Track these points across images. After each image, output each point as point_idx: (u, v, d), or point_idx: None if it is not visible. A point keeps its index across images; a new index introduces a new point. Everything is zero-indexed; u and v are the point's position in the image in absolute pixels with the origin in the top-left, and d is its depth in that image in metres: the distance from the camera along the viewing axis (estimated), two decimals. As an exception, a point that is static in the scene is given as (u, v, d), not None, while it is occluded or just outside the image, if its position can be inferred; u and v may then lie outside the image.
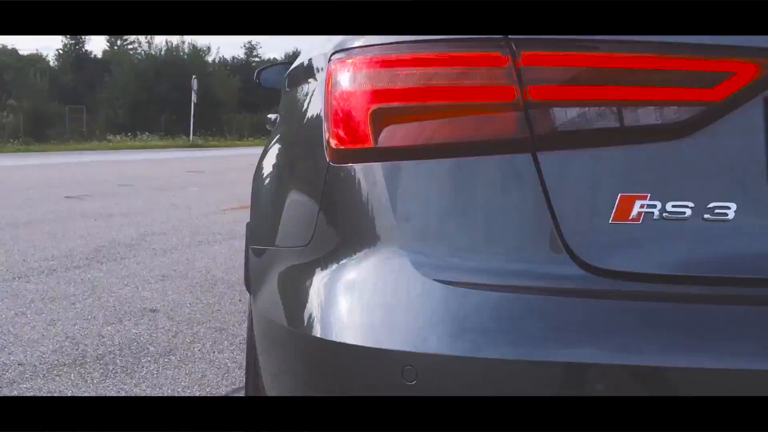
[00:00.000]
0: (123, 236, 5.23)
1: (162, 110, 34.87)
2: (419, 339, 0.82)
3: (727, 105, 0.81)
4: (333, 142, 0.96)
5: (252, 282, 1.30)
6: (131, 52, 39.02)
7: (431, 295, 0.84)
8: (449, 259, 0.86)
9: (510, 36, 0.85)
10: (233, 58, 47.35)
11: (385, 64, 0.91)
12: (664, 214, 0.82)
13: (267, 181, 1.36)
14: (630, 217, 0.82)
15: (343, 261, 0.93)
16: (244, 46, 49.77)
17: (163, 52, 37.71)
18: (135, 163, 14.73)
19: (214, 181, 9.97)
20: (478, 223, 0.86)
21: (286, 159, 1.26)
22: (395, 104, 0.90)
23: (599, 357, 0.78)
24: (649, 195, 0.82)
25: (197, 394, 2.32)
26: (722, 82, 0.81)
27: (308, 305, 0.94)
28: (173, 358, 2.65)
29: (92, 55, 46.05)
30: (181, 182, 9.91)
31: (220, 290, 3.65)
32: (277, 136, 1.46)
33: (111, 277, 3.93)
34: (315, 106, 1.08)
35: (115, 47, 44.11)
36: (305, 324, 0.93)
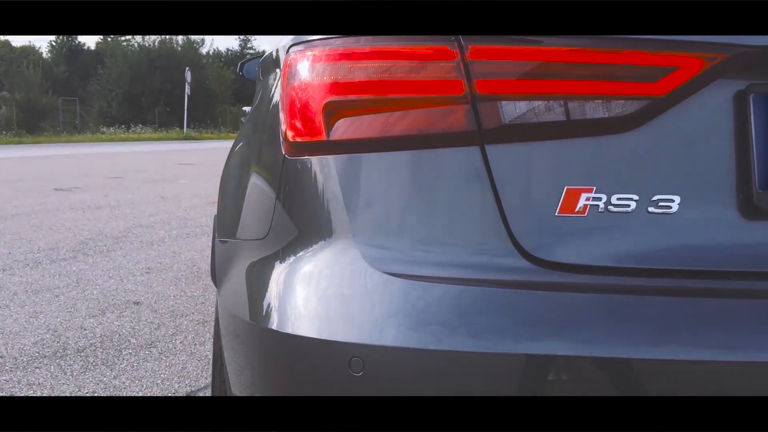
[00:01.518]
0: (110, 228, 5.22)
1: (156, 102, 34.75)
2: (366, 330, 0.82)
3: (671, 99, 0.82)
4: (288, 135, 0.96)
5: (217, 275, 1.31)
6: (124, 44, 38.79)
7: (378, 287, 0.84)
8: (399, 251, 0.87)
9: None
10: (227, 50, 47.18)
11: (338, 57, 0.91)
12: (609, 207, 0.83)
13: (232, 173, 1.37)
14: (576, 210, 0.83)
15: (299, 254, 0.93)
16: (239, 38, 49.58)
17: (156, 44, 37.52)
18: (127, 156, 14.69)
19: (205, 174, 9.95)
20: (428, 216, 0.87)
21: (249, 151, 1.26)
22: (348, 97, 0.90)
23: (541, 349, 0.78)
24: (594, 188, 0.83)
25: (176, 386, 2.33)
26: (666, 76, 0.81)
27: (265, 298, 0.95)
28: (154, 350, 2.66)
29: (85, 47, 45.85)
30: (172, 174, 9.90)
31: (205, 282, 3.65)
32: (245, 128, 1.46)
33: (96, 269, 3.93)
34: (275, 99, 1.09)
35: (109, 39, 43.86)
36: (262, 317, 0.93)
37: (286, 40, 1.05)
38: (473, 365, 0.78)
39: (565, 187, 0.83)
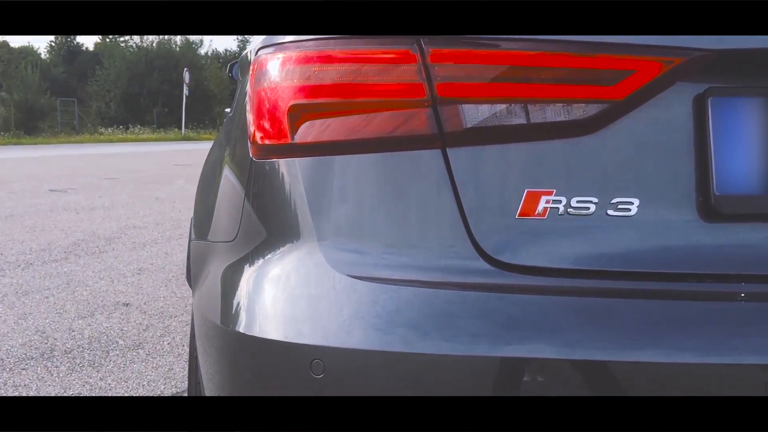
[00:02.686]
0: (103, 229, 5.23)
1: (154, 103, 34.77)
2: (326, 333, 0.83)
3: (630, 102, 0.83)
4: (256, 137, 0.97)
5: (191, 276, 1.31)
6: (123, 45, 38.79)
7: (339, 289, 0.85)
8: (363, 254, 0.87)
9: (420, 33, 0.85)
10: (226, 50, 47.18)
11: (303, 60, 0.92)
12: (569, 210, 0.83)
13: (207, 174, 1.37)
14: (536, 213, 0.84)
15: (266, 256, 0.94)
16: (237, 38, 49.59)
17: (154, 45, 37.53)
18: (124, 156, 14.69)
19: (202, 175, 9.94)
20: (391, 219, 0.87)
21: (223, 153, 1.27)
22: (313, 100, 0.91)
23: (497, 351, 0.79)
24: (554, 191, 0.84)
25: (162, 388, 2.33)
26: (623, 79, 0.82)
27: (232, 300, 0.95)
28: (141, 351, 2.66)
29: (84, 48, 45.86)
30: (168, 175, 9.90)
31: (196, 284, 3.65)
32: (223, 130, 1.46)
33: (87, 270, 3.93)
34: (245, 101, 1.09)
35: (108, 39, 43.86)
36: (229, 319, 0.94)
37: (258, 41, 1.05)
38: (430, 367, 0.79)
39: (526, 190, 0.84)
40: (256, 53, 1.01)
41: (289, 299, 0.88)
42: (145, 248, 4.57)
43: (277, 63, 0.95)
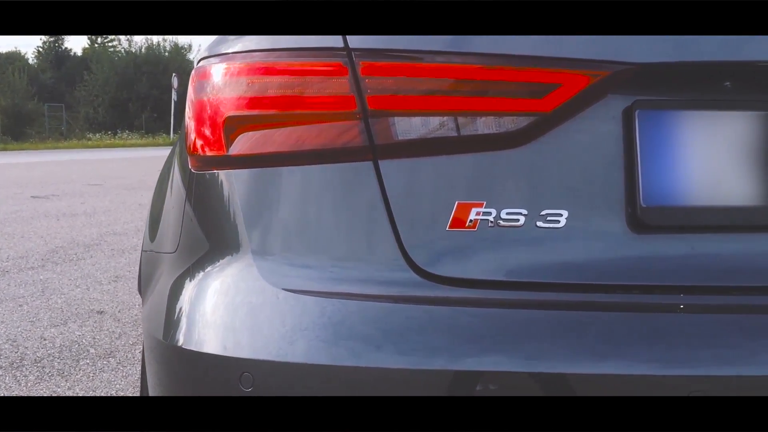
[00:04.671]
0: (83, 236, 5.20)
1: (142, 108, 34.66)
2: (255, 346, 0.83)
3: (558, 115, 0.83)
4: (193, 149, 0.97)
5: (141, 288, 1.31)
6: (111, 50, 38.68)
7: (270, 302, 0.85)
8: (296, 267, 0.87)
9: (350, 46, 0.86)
10: (215, 55, 46.95)
11: (238, 72, 0.92)
12: (499, 222, 0.84)
13: (159, 183, 1.37)
14: (466, 225, 0.84)
15: (207, 269, 0.93)
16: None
17: (143, 50, 37.43)
18: (110, 162, 14.63)
19: (187, 180, 9.90)
20: (325, 232, 0.87)
21: (170, 163, 1.27)
22: (248, 112, 0.91)
23: (422, 363, 0.79)
24: (485, 203, 0.84)
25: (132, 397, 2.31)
26: (550, 92, 0.82)
27: (173, 315, 0.95)
28: (112, 360, 2.65)
29: (72, 53, 45.66)
30: (153, 181, 9.79)
31: (172, 291, 3.63)
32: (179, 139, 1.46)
33: (63, 278, 3.91)
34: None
35: (96, 45, 43.71)
36: (170, 334, 0.93)
37: (203, 51, 1.05)
38: (354, 379, 0.79)
39: (456, 202, 0.84)
40: (197, 64, 1.01)
41: (224, 313, 0.88)
42: (124, 255, 4.54)
43: (213, 74, 0.95)
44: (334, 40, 0.87)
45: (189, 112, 0.99)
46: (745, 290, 0.82)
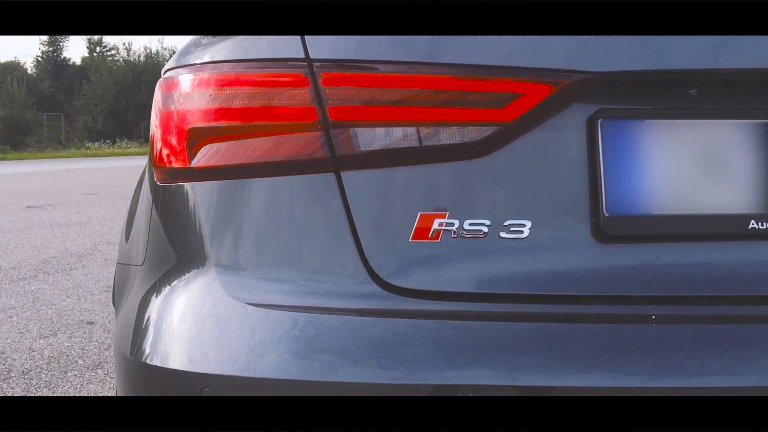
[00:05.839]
0: (77, 246, 5.19)
1: (141, 117, 34.70)
2: (216, 361, 0.82)
3: (520, 125, 0.82)
4: (158, 160, 0.96)
5: (115, 301, 1.30)
6: (110, 59, 38.75)
7: (234, 317, 0.84)
8: (259, 280, 0.86)
9: (312, 57, 0.85)
10: (214, 64, 47.10)
11: (199, 84, 0.91)
12: (462, 232, 0.83)
13: (134, 194, 1.36)
14: (429, 236, 0.83)
15: (172, 283, 0.92)
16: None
17: (141, 59, 37.51)
18: (108, 171, 14.63)
19: (183, 189, 9.90)
20: (287, 245, 0.86)
21: (143, 175, 1.26)
22: (209, 124, 0.90)
23: (386, 376, 0.78)
24: (447, 213, 0.83)
25: (116, 408, 2.30)
26: (512, 102, 0.82)
27: (132, 327, 0.94)
28: (100, 371, 2.63)
29: (71, 62, 45.73)
30: (150, 190, 9.84)
31: (163, 301, 3.62)
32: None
33: (55, 288, 3.89)
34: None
35: (95, 54, 43.80)
36: (127, 344, 0.93)
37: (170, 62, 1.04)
38: (310, 392, 0.78)
39: (419, 213, 0.83)
40: (163, 74, 1.00)
41: (186, 328, 0.87)
42: (117, 265, 4.53)
43: (177, 85, 0.94)
44: (296, 51, 0.86)
45: (154, 124, 0.99)
46: (710, 300, 0.81)
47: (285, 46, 0.86)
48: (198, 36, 0.99)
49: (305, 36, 0.86)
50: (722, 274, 0.82)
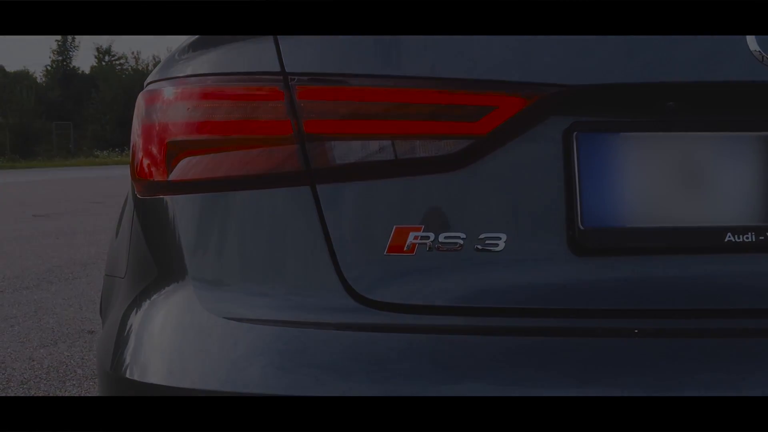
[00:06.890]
0: (81, 255, 5.21)
1: (149, 125, 34.87)
2: (195, 376, 0.82)
3: (495, 138, 0.82)
4: (138, 174, 0.96)
5: (102, 312, 1.30)
6: (118, 68, 39.04)
7: (211, 331, 0.84)
8: (237, 294, 0.86)
9: (287, 70, 0.85)
10: (221, 72, 47.35)
11: (177, 97, 0.91)
12: (438, 246, 0.82)
13: (122, 206, 1.37)
14: (404, 249, 0.83)
15: (152, 297, 0.92)
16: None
17: (150, 67, 37.76)
18: (115, 179, 14.71)
19: (189, 197, 9.93)
20: (264, 258, 0.86)
21: (129, 186, 1.26)
22: (187, 138, 0.90)
23: (360, 390, 0.77)
24: (423, 227, 0.83)
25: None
26: (486, 115, 0.81)
27: (118, 343, 0.94)
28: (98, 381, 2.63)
29: (80, 71, 46.07)
30: (156, 198, 9.88)
31: (164, 310, 3.63)
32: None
33: (57, 297, 3.91)
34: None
35: (103, 62, 44.12)
36: (112, 362, 0.92)
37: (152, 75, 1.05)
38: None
39: (394, 226, 0.83)
40: (145, 88, 1.01)
41: (164, 342, 0.87)
42: (120, 274, 4.54)
43: (156, 98, 0.94)
44: (271, 65, 0.86)
45: (134, 137, 0.99)
46: (686, 313, 0.80)
47: (260, 59, 0.87)
48: (179, 48, 1.00)
49: (281, 50, 0.86)
50: (698, 287, 0.81)
